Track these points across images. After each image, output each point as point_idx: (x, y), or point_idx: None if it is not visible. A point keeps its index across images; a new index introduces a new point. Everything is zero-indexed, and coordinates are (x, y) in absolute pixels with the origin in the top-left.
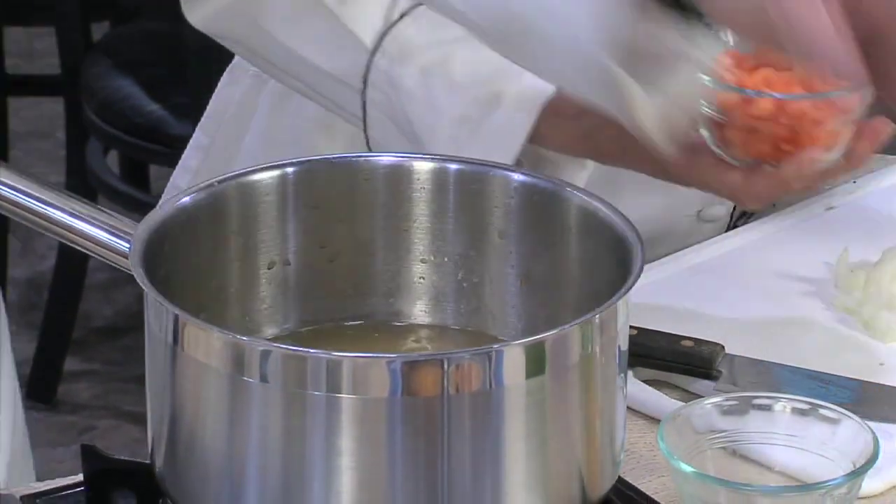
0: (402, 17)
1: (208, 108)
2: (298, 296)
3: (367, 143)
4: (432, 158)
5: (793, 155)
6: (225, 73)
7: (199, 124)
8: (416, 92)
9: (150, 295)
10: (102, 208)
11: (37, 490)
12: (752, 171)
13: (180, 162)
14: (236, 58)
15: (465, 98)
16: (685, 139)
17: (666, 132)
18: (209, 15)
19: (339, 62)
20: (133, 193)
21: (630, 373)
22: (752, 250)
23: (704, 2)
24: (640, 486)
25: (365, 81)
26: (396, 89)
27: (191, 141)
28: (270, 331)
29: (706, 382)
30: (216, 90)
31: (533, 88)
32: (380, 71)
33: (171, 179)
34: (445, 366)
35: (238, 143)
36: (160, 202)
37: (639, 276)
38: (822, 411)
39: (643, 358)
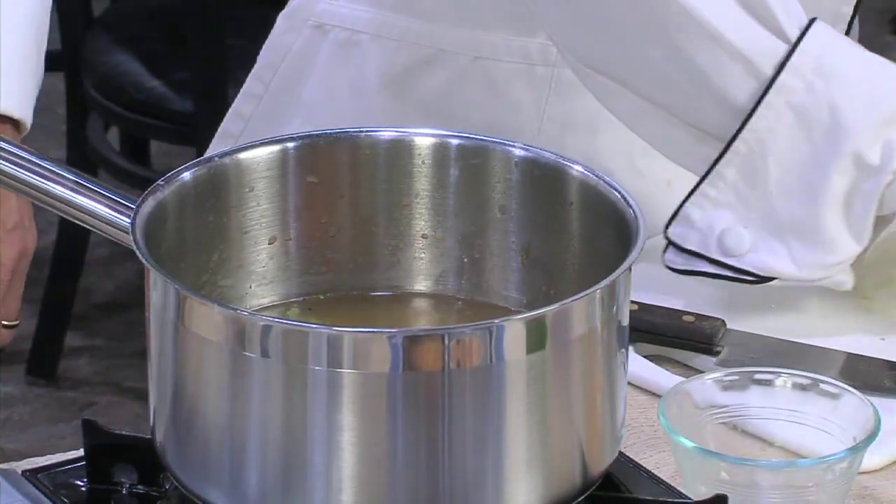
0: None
1: (261, 56)
2: (299, 271)
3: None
4: (433, 134)
5: None
6: (280, 20)
7: (252, 72)
8: (854, 77)
9: (152, 270)
10: (103, 183)
11: (38, 465)
12: None
13: (232, 108)
14: (293, 4)
15: None
16: None
17: None
18: None
19: (757, 43)
20: (133, 169)
21: (631, 348)
22: None
23: None
24: (641, 462)
25: (779, 69)
26: (826, 76)
27: (243, 88)
28: (271, 306)
29: (707, 358)
30: (270, 38)
31: None
32: (807, 55)
33: (223, 126)
34: (446, 340)
35: (294, 94)
36: (210, 151)
37: (640, 251)
38: (822, 386)
39: (644, 333)
